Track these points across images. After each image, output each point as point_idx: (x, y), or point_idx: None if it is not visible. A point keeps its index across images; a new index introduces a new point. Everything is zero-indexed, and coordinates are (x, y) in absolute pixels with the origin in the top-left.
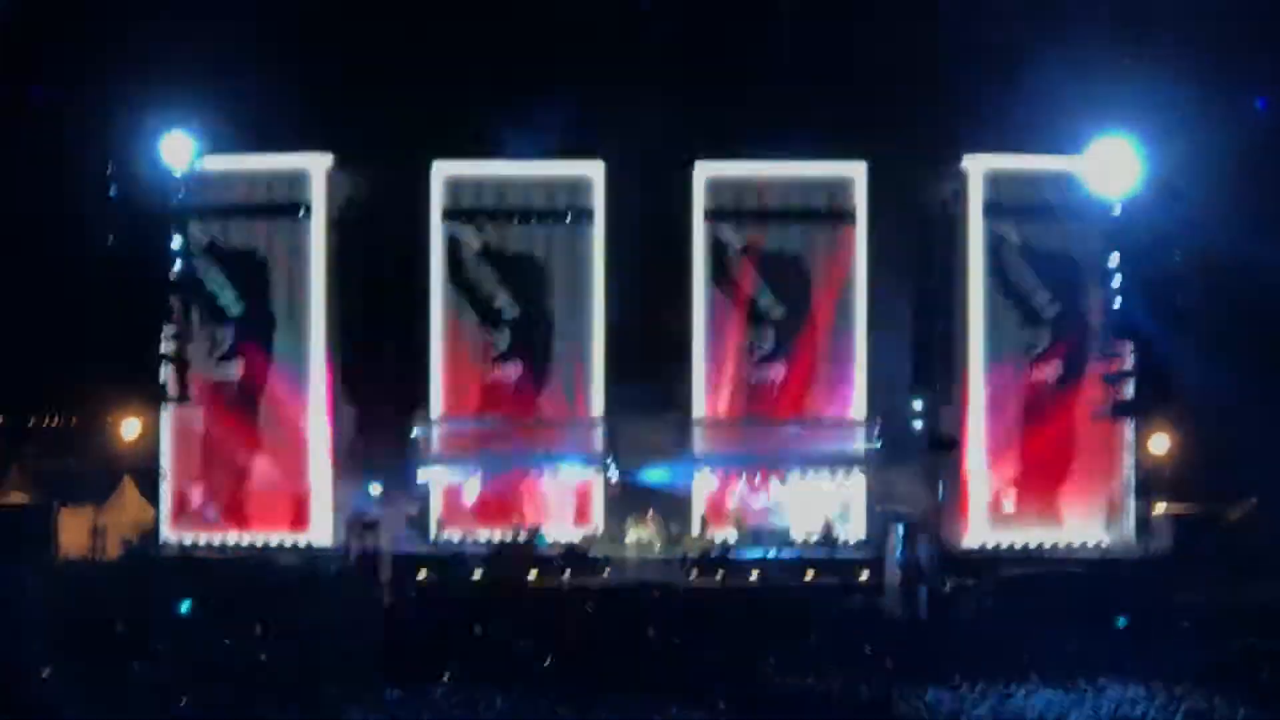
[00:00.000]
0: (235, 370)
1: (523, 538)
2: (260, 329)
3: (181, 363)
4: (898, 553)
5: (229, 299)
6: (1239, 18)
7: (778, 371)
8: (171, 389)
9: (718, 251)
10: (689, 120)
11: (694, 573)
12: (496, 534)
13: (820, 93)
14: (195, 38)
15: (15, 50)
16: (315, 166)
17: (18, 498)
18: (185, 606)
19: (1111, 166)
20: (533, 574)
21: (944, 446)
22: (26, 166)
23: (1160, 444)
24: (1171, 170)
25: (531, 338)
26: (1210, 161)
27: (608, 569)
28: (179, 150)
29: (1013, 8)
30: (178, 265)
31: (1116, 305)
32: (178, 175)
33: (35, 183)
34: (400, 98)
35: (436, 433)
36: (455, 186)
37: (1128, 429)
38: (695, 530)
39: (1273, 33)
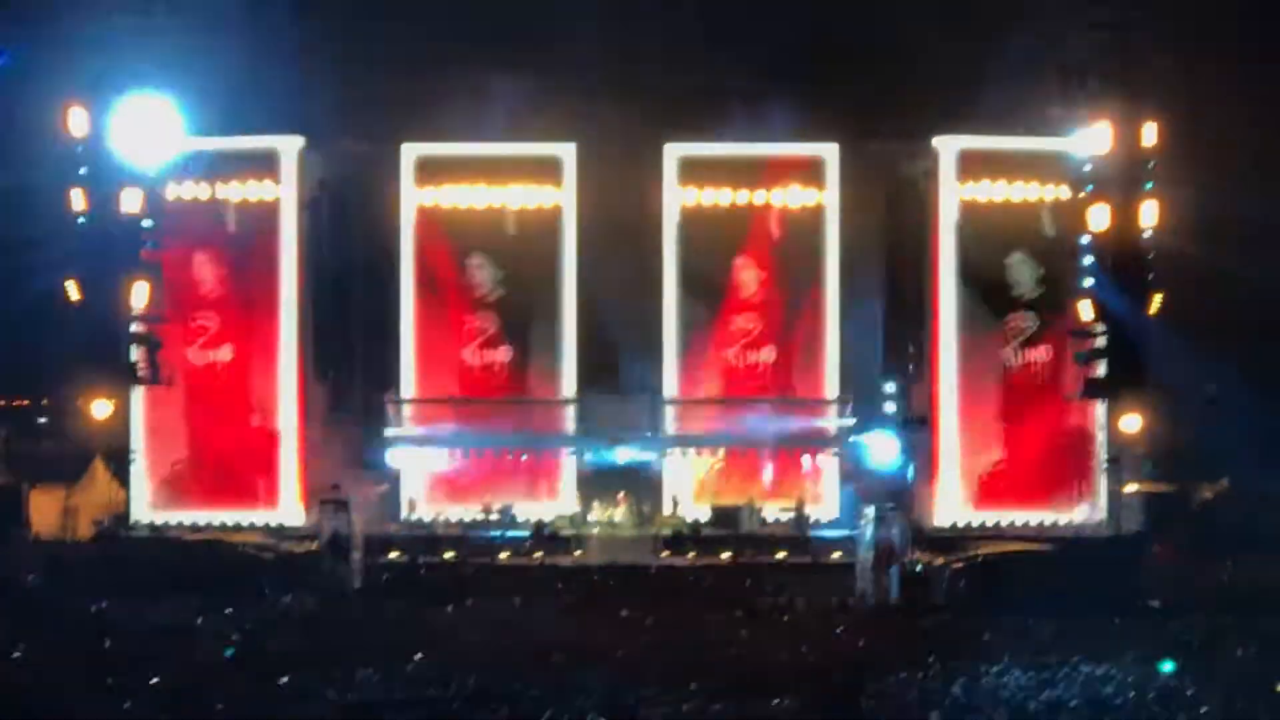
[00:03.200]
0: (209, 351)
1: (494, 518)
2: (232, 309)
3: (152, 344)
4: (869, 532)
5: (201, 279)
6: None
7: (749, 351)
8: (142, 370)
9: (689, 231)
10: (660, 101)
11: (665, 552)
12: (468, 514)
13: (791, 74)
14: (169, 18)
15: None
16: (287, 148)
17: None
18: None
19: (1082, 144)
20: (504, 554)
21: (915, 425)
22: None
23: (1132, 423)
24: (1143, 147)
25: (503, 318)
26: (1184, 139)
27: (579, 549)
28: (151, 130)
29: None
30: (149, 245)
31: (1089, 285)
32: (149, 154)
33: (2, 164)
34: (372, 80)
35: (408, 412)
36: (426, 167)
37: (1100, 408)
38: (667, 509)
39: (1249, 10)
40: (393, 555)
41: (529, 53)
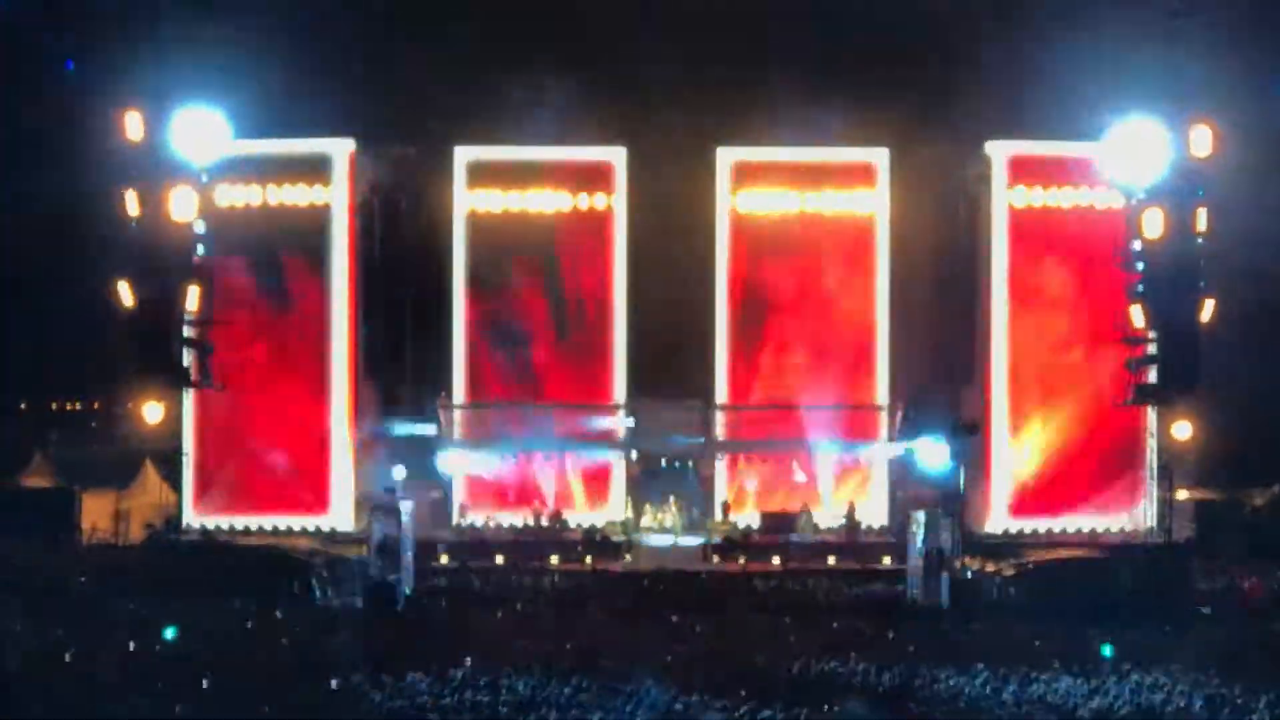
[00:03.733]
0: (260, 354)
1: (545, 522)
2: (283, 313)
3: (203, 347)
4: (920, 538)
5: (252, 283)
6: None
7: (800, 356)
8: (193, 374)
9: (739, 235)
10: (712, 106)
11: (715, 557)
12: (519, 519)
13: (843, 79)
14: (222, 23)
15: (39, 30)
16: (339, 151)
17: (41, 481)
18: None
19: (1135, 151)
20: (554, 559)
21: (966, 431)
22: (48, 152)
23: (1183, 430)
24: (1196, 154)
25: (554, 322)
26: (1236, 145)
27: (629, 554)
28: (204, 134)
29: None
30: (200, 249)
31: (1141, 290)
32: (202, 159)
33: (57, 168)
34: (423, 83)
35: (459, 416)
36: (477, 170)
37: (1151, 415)
38: (717, 515)
39: None
40: (443, 560)
41: (581, 57)
